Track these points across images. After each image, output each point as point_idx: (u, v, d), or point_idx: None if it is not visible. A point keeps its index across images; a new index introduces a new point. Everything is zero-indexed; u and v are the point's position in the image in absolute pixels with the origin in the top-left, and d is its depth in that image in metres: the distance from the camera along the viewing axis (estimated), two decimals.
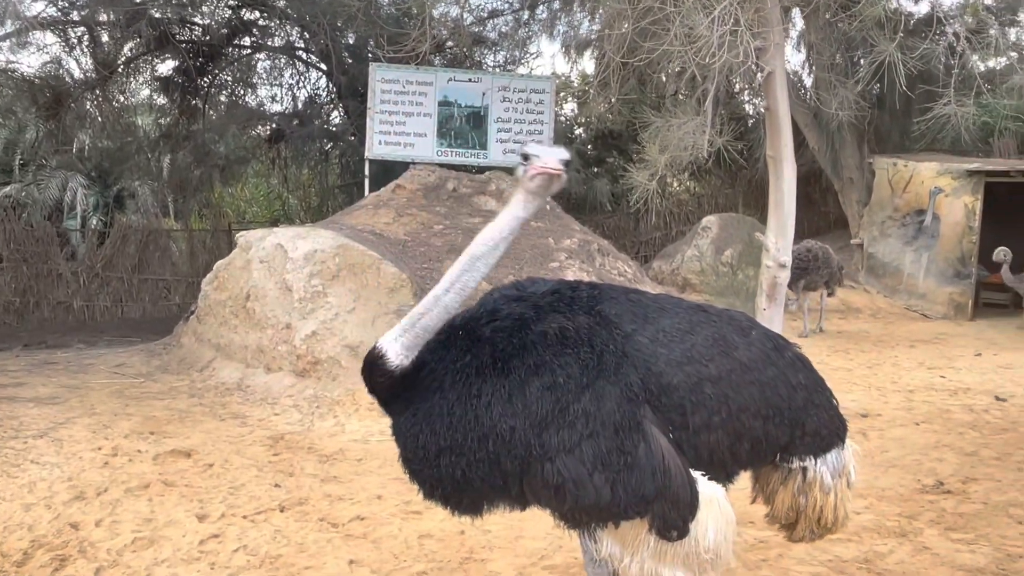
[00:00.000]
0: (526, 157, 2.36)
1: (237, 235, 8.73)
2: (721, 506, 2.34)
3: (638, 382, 2.24)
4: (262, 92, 16.87)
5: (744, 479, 2.61)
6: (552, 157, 2.31)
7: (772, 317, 6.60)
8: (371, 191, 11.03)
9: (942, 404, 7.23)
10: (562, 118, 19.41)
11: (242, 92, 16.23)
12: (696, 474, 2.31)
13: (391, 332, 2.40)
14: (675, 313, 2.46)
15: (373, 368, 2.39)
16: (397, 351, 2.35)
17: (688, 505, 2.23)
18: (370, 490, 4.97)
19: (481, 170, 11.81)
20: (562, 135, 17.76)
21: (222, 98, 16.12)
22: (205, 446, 5.76)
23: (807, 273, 10.64)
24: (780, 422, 2.42)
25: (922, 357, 9.73)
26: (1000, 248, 10.90)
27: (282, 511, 4.64)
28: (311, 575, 3.85)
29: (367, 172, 11.39)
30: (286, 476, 5.24)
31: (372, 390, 2.47)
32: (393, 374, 2.36)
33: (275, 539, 4.24)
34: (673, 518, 2.23)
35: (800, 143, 15.26)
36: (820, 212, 17.44)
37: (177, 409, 6.79)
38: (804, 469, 2.50)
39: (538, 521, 4.46)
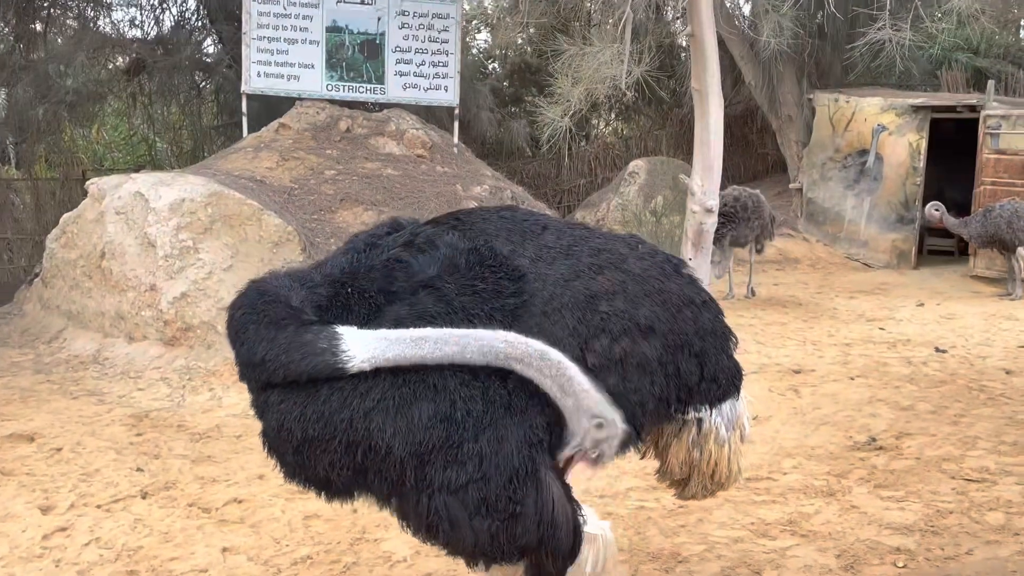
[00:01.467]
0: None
1: (89, 182, 8.35)
2: (604, 540, 2.46)
3: (543, 424, 2.22)
4: (118, 15, 16.06)
5: None
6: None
7: (698, 268, 6.77)
8: (250, 131, 10.70)
9: (880, 357, 7.61)
10: (474, 50, 19.19)
11: (93, 13, 15.38)
12: (585, 511, 2.39)
13: None
14: (554, 228, 2.49)
15: (321, 365, 2.31)
16: (363, 360, 2.27)
17: (569, 553, 2.29)
18: (250, 470, 4.91)
19: (379, 108, 11.60)
20: (474, 69, 17.56)
21: (69, 21, 15.24)
22: (52, 428, 5.57)
23: (734, 225, 10.24)
24: (688, 353, 2.46)
25: (862, 308, 10.19)
26: (931, 203, 11.36)
27: (144, 498, 4.55)
28: (177, 567, 3.80)
29: (244, 110, 11.02)
30: (150, 459, 5.13)
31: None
32: (340, 374, 2.28)
33: (135, 529, 4.15)
34: (550, 566, 2.29)
35: (737, 79, 15.59)
36: (757, 154, 17.89)
37: (18, 388, 6.52)
38: (699, 420, 2.58)
39: None
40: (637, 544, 3.96)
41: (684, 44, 16.62)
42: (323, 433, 2.21)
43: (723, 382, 2.56)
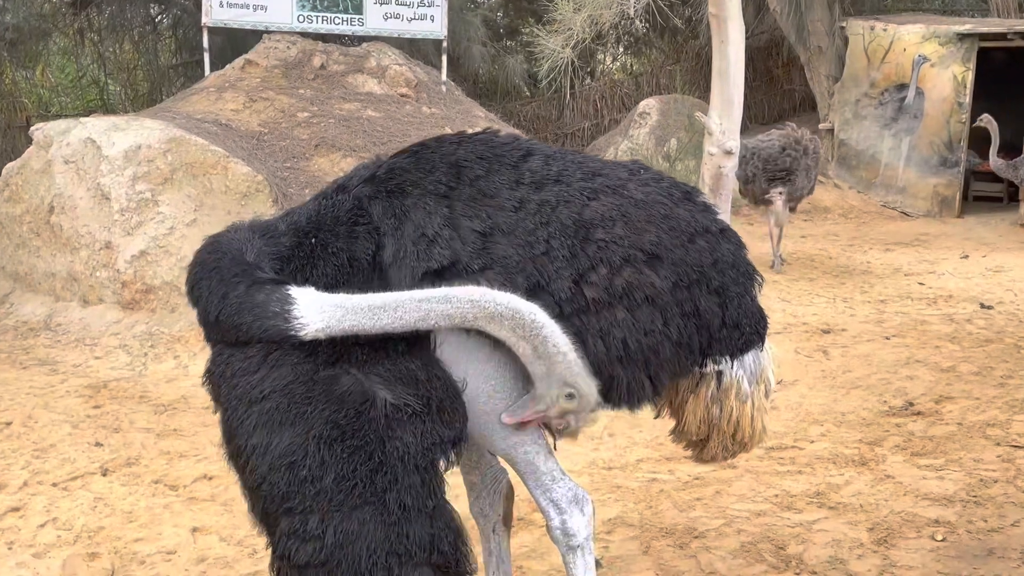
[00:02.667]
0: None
1: (33, 128, 8.29)
2: None
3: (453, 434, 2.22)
4: None
5: None
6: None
7: None
8: (213, 70, 10.60)
9: (918, 315, 7.64)
10: None
11: None
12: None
13: None
14: (541, 153, 2.47)
15: (271, 329, 2.32)
16: (317, 328, 2.27)
17: None
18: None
19: (357, 41, 11.47)
20: None
21: None
22: (0, 401, 5.59)
23: (792, 176, 9.08)
24: (706, 288, 2.44)
25: (899, 262, 10.20)
26: (983, 116, 11.08)
27: (105, 475, 4.60)
28: (143, 549, 3.85)
29: (206, 45, 10.91)
30: (110, 432, 5.18)
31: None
32: (289, 337, 2.28)
33: (95, 508, 4.21)
34: None
35: (760, 5, 15.42)
36: (783, 91, 17.76)
37: None
38: (719, 374, 2.58)
39: None
40: (649, 519, 4.01)
41: None
42: (228, 419, 2.25)
43: (746, 329, 2.55)
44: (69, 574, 3.65)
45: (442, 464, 2.22)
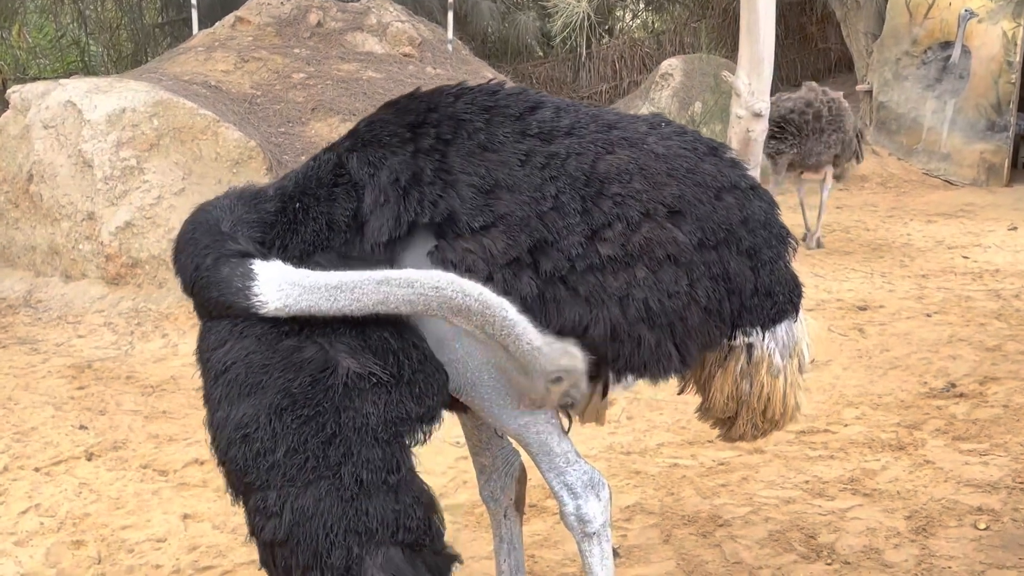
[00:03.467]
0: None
1: (10, 91, 8.31)
2: None
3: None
4: None
5: None
6: None
7: None
8: (201, 28, 10.60)
9: (962, 291, 7.62)
10: None
11: None
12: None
13: None
14: (551, 105, 2.45)
15: (236, 308, 2.33)
16: (277, 304, 2.27)
17: None
18: None
19: None
20: None
21: None
22: None
23: (804, 140, 9.06)
24: (736, 250, 2.41)
25: (942, 234, 10.16)
26: None
27: (90, 459, 4.65)
28: (131, 537, 3.89)
29: (194, 1, 10.91)
30: (95, 415, 5.23)
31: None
32: (251, 314, 2.29)
33: (80, 495, 4.25)
34: None
35: None
36: (817, 50, 17.65)
37: None
38: (749, 346, 2.57)
39: (437, 454, 4.57)
40: (670, 506, 4.04)
41: None
42: (208, 391, 2.27)
43: (779, 297, 2.53)
44: (53, 563, 3.70)
45: (408, 440, 2.21)
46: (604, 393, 2.44)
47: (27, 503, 4.17)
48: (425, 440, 2.27)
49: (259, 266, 2.18)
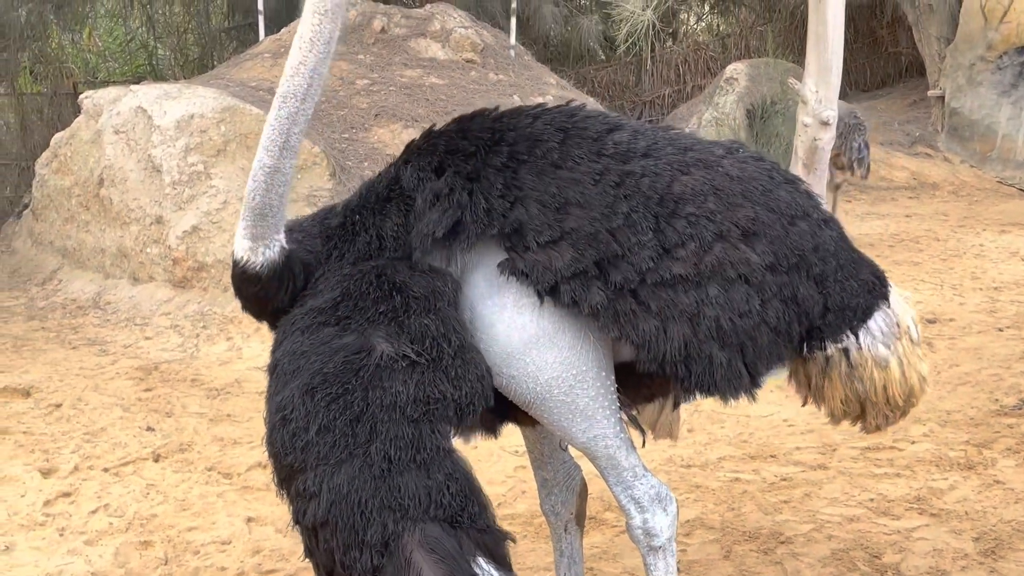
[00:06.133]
0: None
1: (82, 96, 8.57)
2: None
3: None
4: None
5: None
6: None
7: None
8: (268, 34, 10.78)
9: None
10: None
11: None
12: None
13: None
14: (629, 128, 2.50)
15: (233, 275, 2.49)
16: (244, 247, 2.41)
17: None
18: None
19: (421, 2, 11.54)
20: None
21: None
22: (50, 382, 5.83)
23: None
24: (806, 275, 2.45)
25: (1016, 245, 9.95)
26: None
27: (157, 460, 4.78)
28: (196, 538, 4.00)
29: (261, 7, 11.10)
30: (162, 417, 5.36)
31: (250, 307, 2.58)
32: (251, 275, 2.43)
33: (147, 495, 4.37)
34: None
35: None
36: (887, 54, 17.37)
37: (10, 335, 6.83)
38: (845, 351, 2.58)
39: (497, 462, 4.62)
40: (731, 521, 4.03)
41: None
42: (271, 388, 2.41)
43: (860, 303, 2.55)
44: (122, 563, 3.81)
45: (443, 421, 2.24)
46: (675, 406, 2.49)
47: (97, 503, 4.30)
48: (466, 424, 2.32)
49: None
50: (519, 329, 2.36)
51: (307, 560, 2.25)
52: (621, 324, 2.29)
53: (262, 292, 2.46)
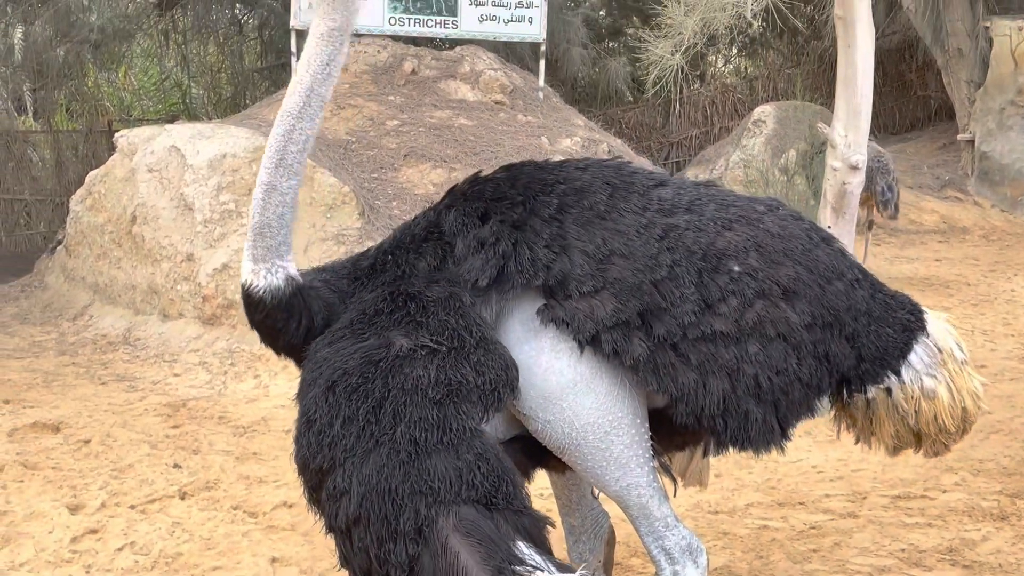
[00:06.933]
0: None
1: (117, 135, 8.70)
2: None
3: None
4: None
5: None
6: None
7: (840, 237, 6.62)
8: None
9: None
10: None
11: None
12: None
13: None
14: (674, 184, 2.55)
15: (244, 303, 2.53)
16: (247, 268, 2.48)
17: None
18: None
19: (450, 44, 11.66)
20: None
21: None
22: (79, 417, 5.87)
23: None
24: (839, 333, 2.48)
25: None
26: None
27: (183, 498, 4.78)
28: None
29: (294, 48, 11.24)
30: (189, 454, 5.37)
31: (262, 336, 2.59)
32: (255, 299, 2.46)
33: (173, 534, 4.37)
34: None
35: (892, 3, 15.14)
36: (916, 98, 17.38)
37: (41, 370, 6.88)
38: (888, 390, 2.59)
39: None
40: (759, 570, 3.98)
41: None
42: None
43: (897, 343, 2.56)
44: None
45: (467, 404, 2.24)
46: (704, 453, 2.50)
47: (123, 540, 4.31)
48: (492, 412, 2.29)
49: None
50: (556, 374, 2.36)
51: (341, 570, 2.23)
52: (660, 377, 2.31)
53: (268, 321, 2.50)
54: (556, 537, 2.68)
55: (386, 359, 2.24)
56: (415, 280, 2.44)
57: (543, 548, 2.15)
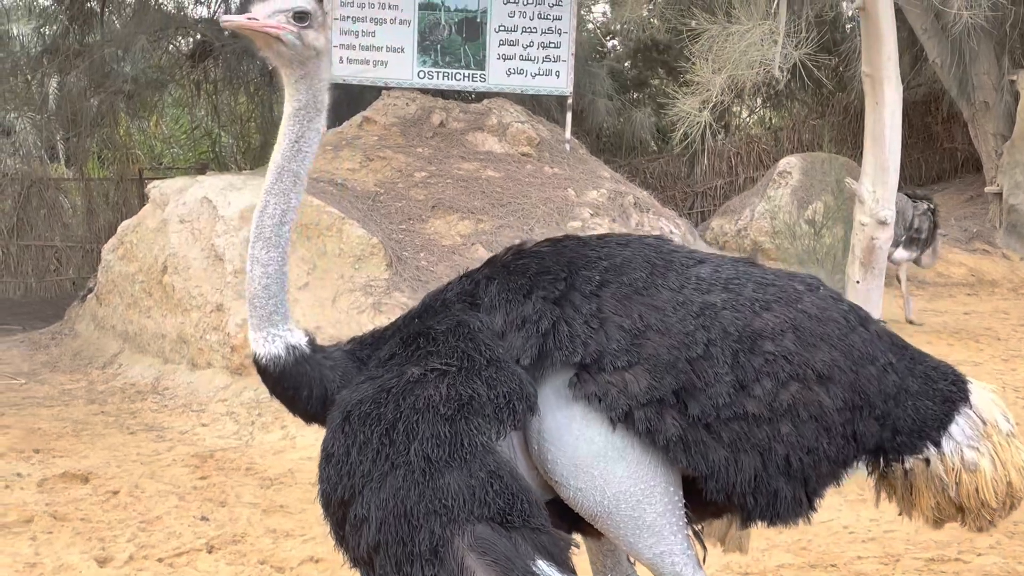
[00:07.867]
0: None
1: (150, 186, 8.83)
2: None
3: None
4: None
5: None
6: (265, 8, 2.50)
7: (869, 292, 6.64)
8: (330, 127, 11.05)
9: None
10: (590, 25, 19.32)
11: None
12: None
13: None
14: (712, 262, 2.56)
15: (256, 371, 2.56)
16: (250, 336, 2.51)
17: None
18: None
19: (478, 97, 11.78)
20: (589, 48, 17.68)
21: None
22: (108, 468, 5.89)
23: None
24: (868, 414, 2.48)
25: None
26: None
27: (210, 552, 4.76)
28: None
29: (325, 101, 11.40)
30: (216, 506, 5.37)
31: (281, 403, 2.61)
32: (260, 366, 2.50)
33: None
34: None
35: (917, 56, 15.19)
36: (943, 150, 17.38)
37: (70, 419, 6.92)
38: (927, 461, 2.56)
39: None
40: None
41: (850, 14, 16.31)
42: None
43: (935, 418, 2.55)
44: None
45: (480, 419, 2.23)
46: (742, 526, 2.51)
47: None
48: (506, 426, 2.28)
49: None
50: (587, 442, 2.36)
51: None
52: (691, 455, 2.32)
53: (279, 389, 2.53)
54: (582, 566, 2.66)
55: (398, 385, 2.28)
56: (419, 322, 2.50)
57: (565, 567, 2.14)
